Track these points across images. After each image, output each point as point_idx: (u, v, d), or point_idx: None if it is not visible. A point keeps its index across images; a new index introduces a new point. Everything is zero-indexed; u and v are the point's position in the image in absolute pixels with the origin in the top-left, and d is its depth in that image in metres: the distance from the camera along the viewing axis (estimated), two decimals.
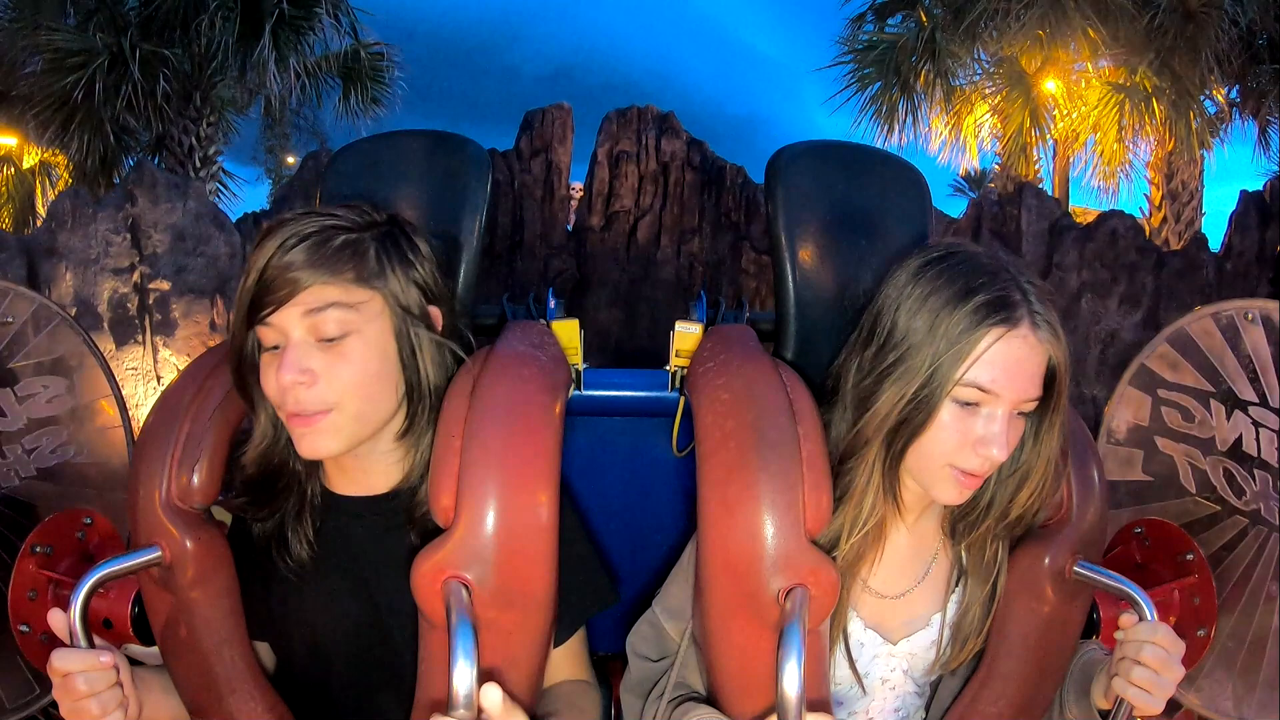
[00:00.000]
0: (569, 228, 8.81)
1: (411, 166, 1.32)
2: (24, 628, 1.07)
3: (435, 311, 1.06)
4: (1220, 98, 8.23)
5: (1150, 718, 1.00)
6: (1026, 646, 1.07)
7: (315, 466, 1.10)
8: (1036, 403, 0.99)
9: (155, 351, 5.58)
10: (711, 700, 1.04)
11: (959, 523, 1.10)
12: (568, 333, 1.28)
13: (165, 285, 5.58)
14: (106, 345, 5.50)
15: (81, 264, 5.46)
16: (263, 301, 0.96)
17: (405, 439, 1.05)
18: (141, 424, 1.07)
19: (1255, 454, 1.29)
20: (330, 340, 0.97)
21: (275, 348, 0.98)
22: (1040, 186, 7.49)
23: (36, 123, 7.35)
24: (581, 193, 8.99)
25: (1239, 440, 1.30)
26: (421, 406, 1.03)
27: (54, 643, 0.94)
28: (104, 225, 5.50)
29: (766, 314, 1.35)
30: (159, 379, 5.52)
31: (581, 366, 1.33)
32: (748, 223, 8.51)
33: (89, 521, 1.14)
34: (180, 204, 5.65)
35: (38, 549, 1.08)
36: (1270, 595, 1.28)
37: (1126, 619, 0.99)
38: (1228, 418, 1.30)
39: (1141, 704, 0.97)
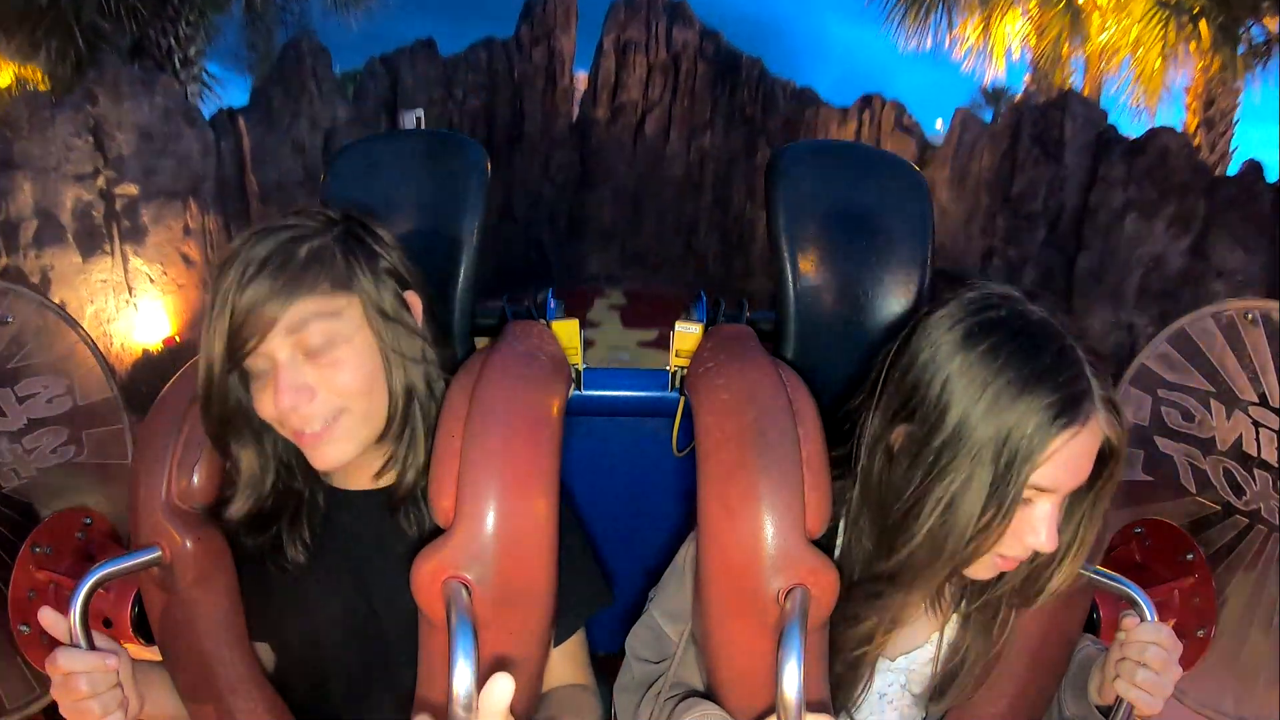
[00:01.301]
0: (572, 121, 8.24)
1: (411, 167, 1.32)
2: (24, 628, 1.07)
3: (412, 297, 1.04)
4: (1271, 26, 7.59)
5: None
6: (1026, 647, 1.07)
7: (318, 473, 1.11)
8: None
9: (125, 261, 5.02)
10: (710, 699, 1.04)
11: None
12: (568, 333, 1.28)
13: (133, 189, 5.04)
14: (72, 258, 4.98)
15: (41, 172, 4.91)
16: (241, 339, 0.92)
17: (385, 439, 1.03)
18: (141, 423, 1.08)
19: (1255, 454, 1.28)
20: (318, 352, 0.95)
21: (263, 371, 0.96)
22: (1085, 96, 6.82)
23: (1, 30, 6.46)
24: (585, 84, 8.39)
25: (1239, 440, 1.30)
26: (399, 405, 1.02)
27: (54, 643, 0.94)
28: (64, 129, 5.00)
29: (767, 314, 1.36)
30: (130, 290, 4.98)
31: (581, 366, 1.33)
32: (764, 118, 7.92)
33: (89, 521, 1.14)
34: (146, 101, 5.16)
35: (38, 549, 1.08)
36: (1270, 595, 1.28)
37: (1129, 621, 0.99)
38: (1228, 418, 1.30)
39: (1143, 704, 0.98)
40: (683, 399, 1.33)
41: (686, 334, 1.29)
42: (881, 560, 0.96)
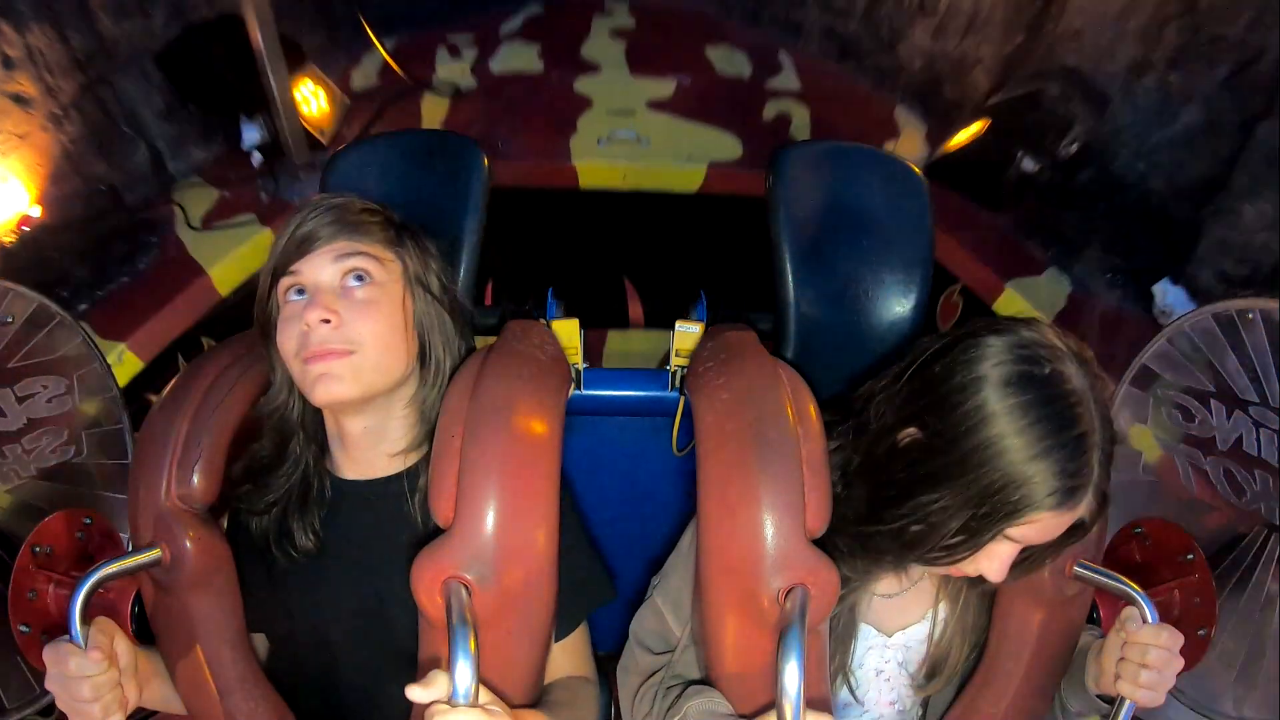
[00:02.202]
0: None
1: (411, 167, 1.33)
2: (24, 628, 1.07)
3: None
4: None
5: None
6: (1027, 647, 1.08)
7: (323, 452, 1.11)
8: None
9: None
10: None
11: None
12: (568, 332, 1.28)
13: None
14: None
15: None
16: (294, 253, 1.03)
17: (414, 405, 1.09)
18: (141, 424, 1.07)
19: (1255, 454, 1.28)
20: (357, 286, 1.03)
21: (300, 292, 1.03)
22: None
23: None
24: None
25: (1239, 440, 1.30)
26: (430, 375, 1.08)
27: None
28: None
29: (767, 314, 1.36)
30: None
31: (581, 366, 1.33)
32: None
33: (89, 521, 1.13)
34: None
35: (38, 549, 1.08)
36: (1270, 595, 1.27)
37: (1130, 626, 1.00)
38: (1228, 418, 1.30)
39: (1146, 700, 0.99)
40: (683, 399, 1.33)
41: (686, 334, 1.29)
42: (860, 524, 1.00)
